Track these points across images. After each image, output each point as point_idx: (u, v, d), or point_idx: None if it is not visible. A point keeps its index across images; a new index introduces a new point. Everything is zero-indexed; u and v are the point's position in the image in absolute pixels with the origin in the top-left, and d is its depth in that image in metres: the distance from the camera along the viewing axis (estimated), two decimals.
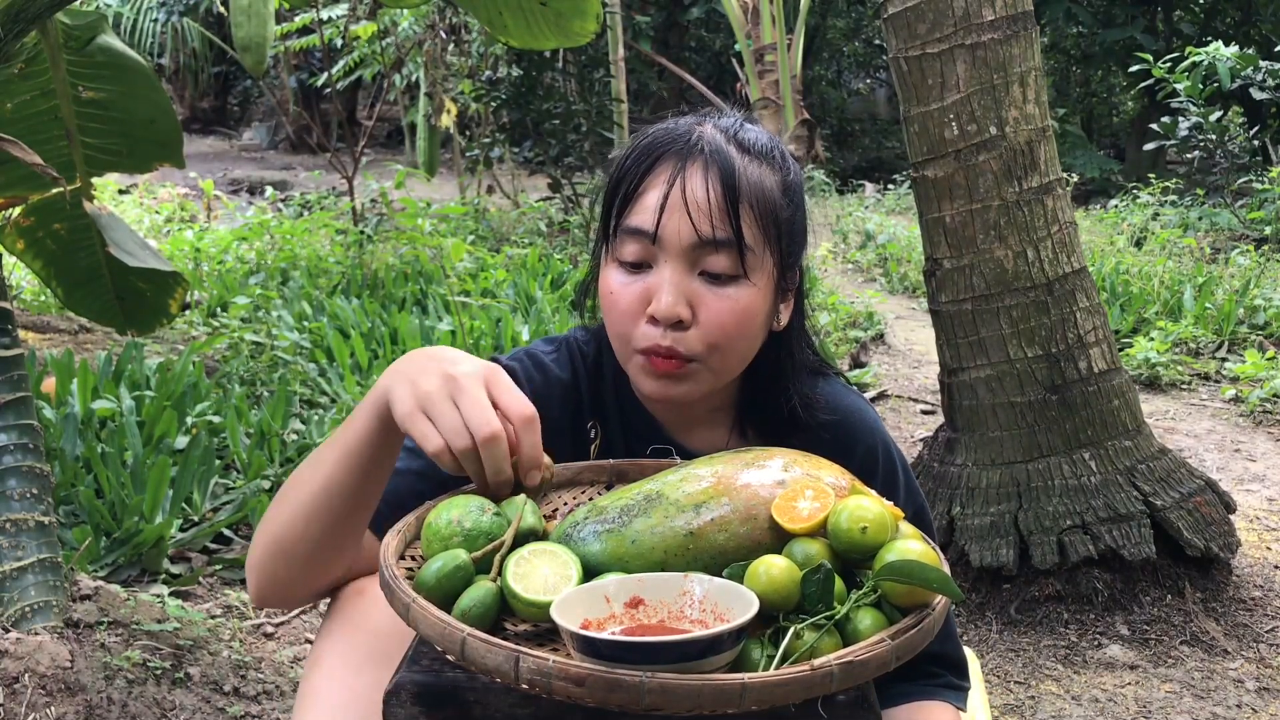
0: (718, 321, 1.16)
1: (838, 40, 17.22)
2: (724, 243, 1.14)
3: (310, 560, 1.12)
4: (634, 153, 1.20)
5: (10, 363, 1.99)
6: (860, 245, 8.44)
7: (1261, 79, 7.80)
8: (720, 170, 1.15)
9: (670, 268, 1.15)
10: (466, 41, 8.75)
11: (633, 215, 1.17)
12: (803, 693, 0.81)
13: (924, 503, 1.34)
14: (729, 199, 1.14)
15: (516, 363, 1.29)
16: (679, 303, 1.14)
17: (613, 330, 1.21)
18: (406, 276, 5.59)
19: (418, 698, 0.92)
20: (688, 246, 1.15)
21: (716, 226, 1.14)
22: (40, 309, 5.17)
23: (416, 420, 0.98)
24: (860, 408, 1.33)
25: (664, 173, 1.16)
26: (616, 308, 1.19)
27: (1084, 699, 2.36)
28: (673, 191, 1.14)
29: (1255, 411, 4.37)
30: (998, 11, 2.55)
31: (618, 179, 1.20)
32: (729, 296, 1.16)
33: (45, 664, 1.80)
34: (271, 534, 1.12)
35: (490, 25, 2.59)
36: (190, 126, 15.95)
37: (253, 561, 1.15)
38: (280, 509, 1.12)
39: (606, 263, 1.21)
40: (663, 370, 1.17)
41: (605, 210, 1.21)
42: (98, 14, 2.47)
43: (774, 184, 1.19)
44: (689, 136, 1.18)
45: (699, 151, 1.16)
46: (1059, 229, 2.62)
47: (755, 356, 1.24)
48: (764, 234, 1.17)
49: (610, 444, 1.29)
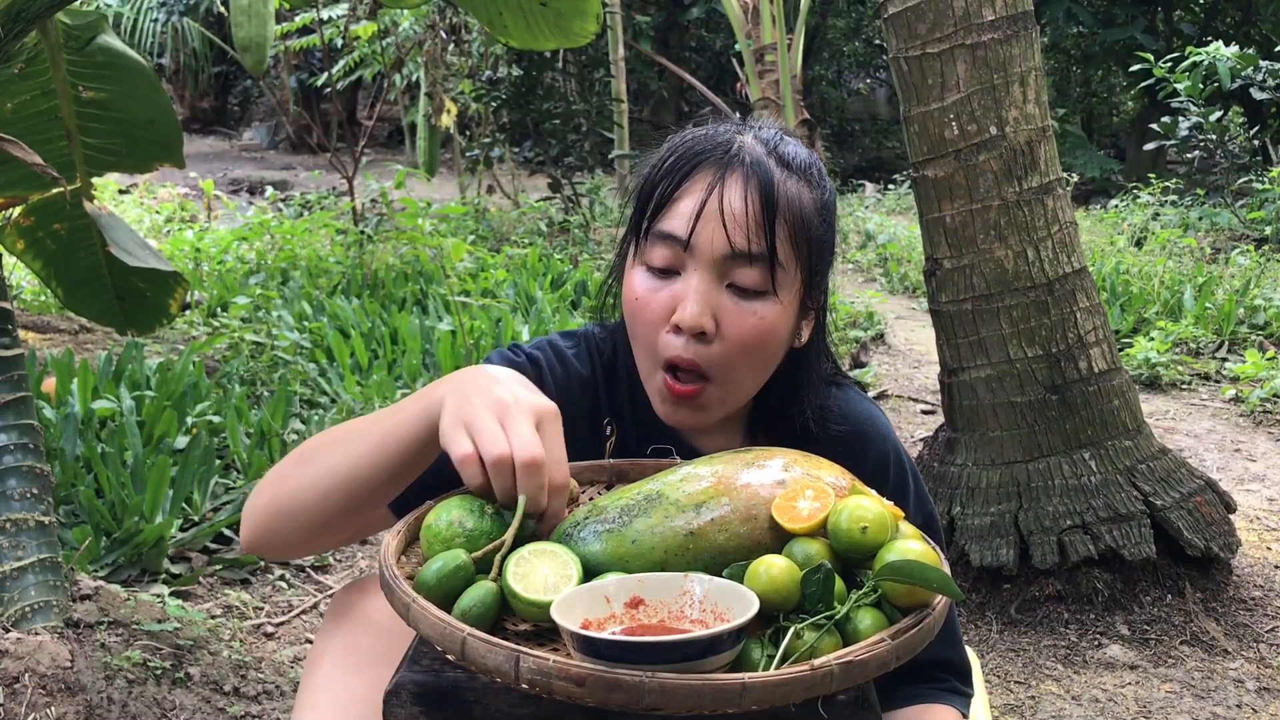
0: (740, 337, 1.14)
1: (838, 40, 17.21)
2: (757, 257, 1.13)
3: (316, 528, 1.10)
4: (672, 156, 1.18)
5: (10, 363, 1.99)
6: (860, 245, 8.44)
7: (1261, 79, 7.80)
8: (760, 183, 1.13)
9: (699, 277, 1.13)
10: (466, 41, 8.75)
11: (666, 220, 1.15)
12: (803, 693, 0.81)
13: (934, 511, 1.33)
14: (766, 213, 1.12)
15: (540, 351, 1.28)
16: (704, 314, 1.13)
17: (635, 336, 1.20)
18: (406, 276, 5.59)
19: (418, 698, 0.92)
20: (720, 257, 1.13)
21: (752, 240, 1.12)
22: (40, 309, 5.17)
23: (456, 432, 0.96)
24: (873, 416, 1.32)
25: (702, 180, 1.14)
26: (641, 314, 1.17)
27: (1084, 699, 2.36)
28: (710, 200, 1.13)
29: (1255, 411, 4.37)
30: (998, 11, 2.55)
31: (654, 180, 1.18)
32: (754, 312, 1.14)
33: (45, 664, 1.80)
34: (283, 493, 1.10)
35: (490, 25, 2.59)
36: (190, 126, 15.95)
37: (254, 510, 1.12)
38: (298, 471, 1.10)
39: (633, 264, 1.19)
40: (679, 394, 1.16)
41: (638, 211, 1.19)
42: (98, 14, 2.47)
43: (810, 201, 1.17)
44: (729, 145, 1.16)
45: (739, 162, 1.14)
46: (1059, 229, 2.62)
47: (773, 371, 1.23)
48: (795, 251, 1.15)
49: (624, 442, 1.29)
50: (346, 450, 1.07)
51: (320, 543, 1.14)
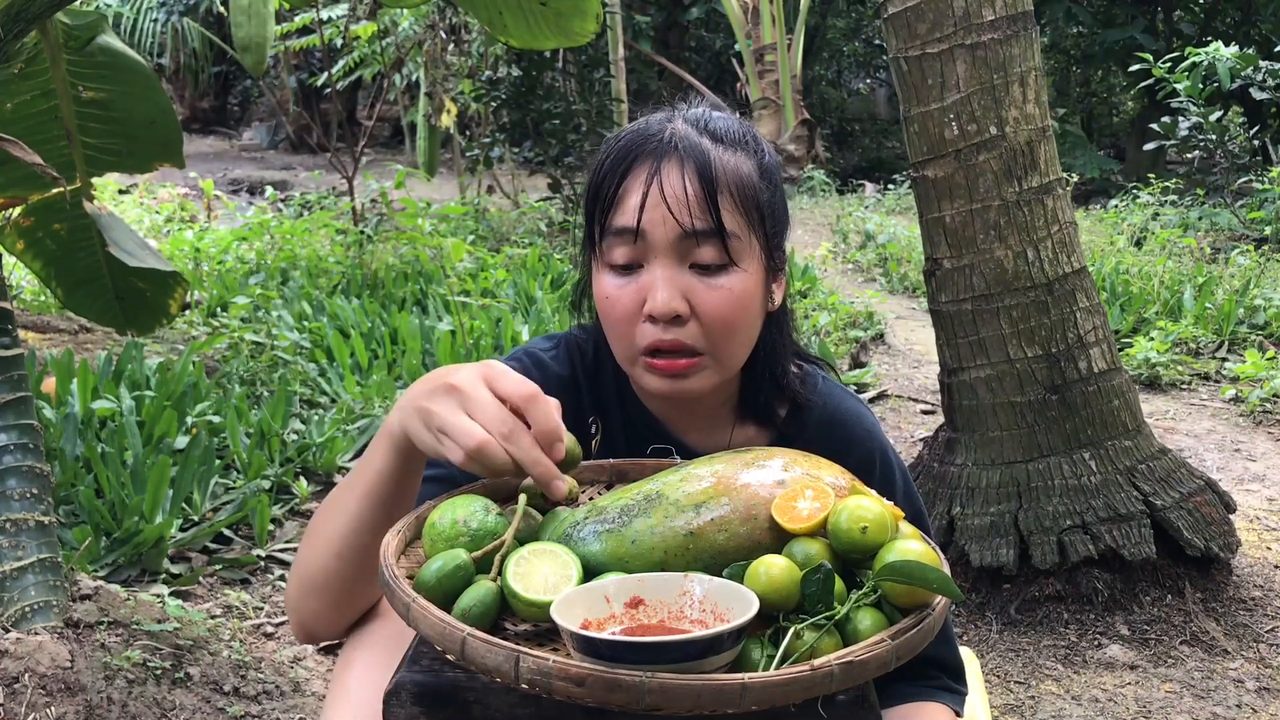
0: (716, 313, 1.17)
1: (838, 40, 17.22)
2: (706, 233, 1.15)
3: (345, 593, 1.14)
4: (609, 158, 1.21)
5: (10, 363, 1.99)
6: (860, 245, 8.44)
7: (1261, 79, 7.80)
8: (696, 163, 1.16)
9: (660, 264, 1.16)
10: (466, 41, 8.75)
11: (616, 216, 1.18)
12: (803, 693, 0.81)
13: (922, 508, 1.34)
14: (707, 190, 1.15)
15: (515, 362, 1.30)
16: (674, 298, 1.15)
17: (612, 335, 1.22)
18: (406, 276, 5.59)
19: (418, 698, 0.92)
20: (673, 240, 1.15)
21: (696, 218, 1.15)
22: (40, 309, 5.17)
23: (439, 443, 0.97)
24: (859, 412, 1.34)
25: (641, 173, 1.17)
26: (614, 312, 1.19)
27: (1084, 699, 2.36)
28: (650, 189, 1.16)
29: (1255, 411, 4.37)
30: (998, 11, 2.55)
31: (596, 185, 1.21)
32: (722, 286, 1.17)
33: (45, 664, 1.80)
34: (305, 575, 1.14)
35: (490, 25, 2.59)
36: (190, 126, 15.95)
37: (291, 603, 1.17)
38: (310, 550, 1.14)
39: (598, 270, 1.22)
40: (668, 370, 1.18)
41: (588, 217, 1.22)
42: (98, 14, 2.47)
43: (750, 169, 1.20)
44: (661, 135, 1.19)
45: (672, 148, 1.17)
46: (1059, 229, 2.62)
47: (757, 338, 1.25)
48: (746, 219, 1.18)
49: (611, 440, 1.30)
50: (340, 509, 1.11)
51: (359, 602, 1.17)
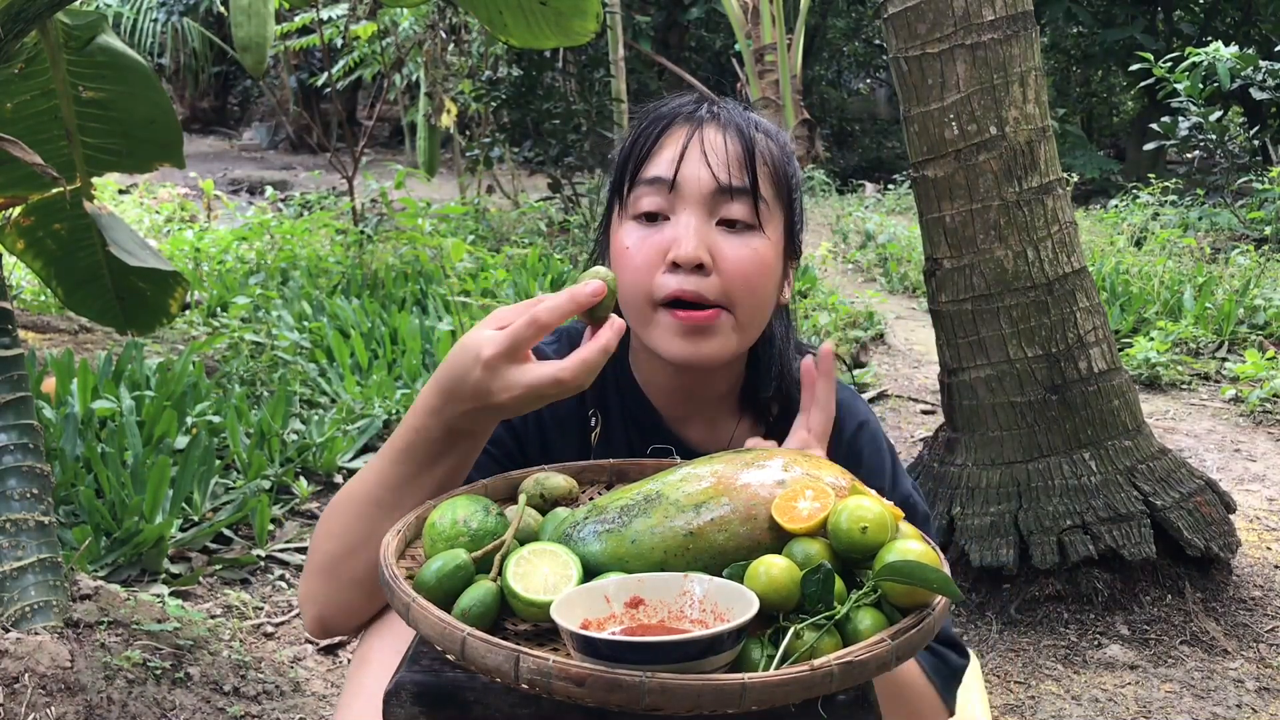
0: (739, 269, 1.17)
1: (838, 40, 17.22)
2: (741, 190, 1.17)
3: (364, 576, 1.10)
4: (646, 121, 1.23)
5: (10, 363, 1.99)
6: (860, 245, 8.43)
7: (1261, 79, 7.80)
8: (737, 128, 1.20)
9: (689, 213, 1.18)
10: (466, 41, 8.74)
11: (650, 167, 1.20)
12: (803, 693, 0.81)
13: (911, 492, 1.31)
14: (746, 150, 1.18)
15: None
16: (700, 247, 1.16)
17: (629, 289, 1.20)
18: (406, 276, 5.59)
19: (418, 698, 0.92)
20: (707, 193, 1.17)
21: (734, 175, 1.17)
22: (40, 309, 5.17)
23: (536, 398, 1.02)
24: (845, 397, 1.33)
25: (680, 131, 1.20)
26: (633, 261, 1.19)
27: (1084, 699, 2.36)
28: (691, 142, 1.18)
29: (1255, 411, 4.37)
30: (998, 11, 2.55)
31: (632, 141, 1.23)
32: (748, 245, 1.18)
33: (45, 664, 1.80)
34: (320, 560, 1.12)
35: (490, 25, 2.59)
36: (190, 126, 15.93)
37: (306, 593, 1.15)
38: (324, 533, 1.12)
39: (619, 224, 1.22)
40: (689, 322, 1.17)
41: (619, 171, 1.24)
42: (98, 14, 2.47)
43: (781, 155, 1.23)
44: (699, 107, 1.23)
45: (712, 115, 1.21)
46: (1059, 229, 2.62)
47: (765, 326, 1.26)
48: (776, 191, 1.21)
49: (611, 434, 1.30)
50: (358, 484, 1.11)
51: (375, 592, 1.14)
